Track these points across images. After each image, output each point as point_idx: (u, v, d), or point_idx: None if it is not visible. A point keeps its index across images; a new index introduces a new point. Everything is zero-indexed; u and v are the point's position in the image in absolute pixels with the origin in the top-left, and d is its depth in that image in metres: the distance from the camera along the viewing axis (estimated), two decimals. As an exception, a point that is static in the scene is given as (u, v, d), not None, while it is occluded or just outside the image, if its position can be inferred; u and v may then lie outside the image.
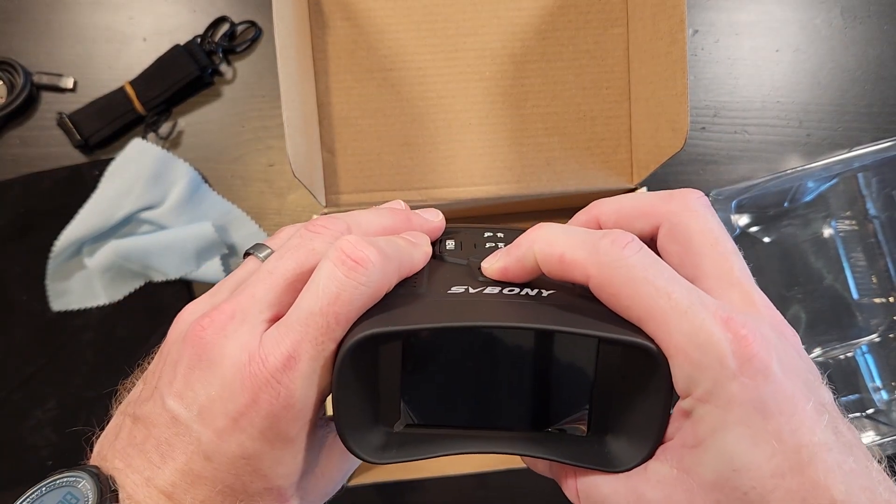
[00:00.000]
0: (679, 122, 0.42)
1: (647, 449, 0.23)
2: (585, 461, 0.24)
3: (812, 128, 0.60)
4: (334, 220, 0.26)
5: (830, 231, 0.58)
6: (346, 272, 0.22)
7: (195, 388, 0.23)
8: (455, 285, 0.25)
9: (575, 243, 0.23)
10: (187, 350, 0.23)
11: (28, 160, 0.57)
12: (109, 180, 0.56)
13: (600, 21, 0.50)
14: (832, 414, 0.21)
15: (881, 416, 0.56)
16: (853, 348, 0.57)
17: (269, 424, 0.22)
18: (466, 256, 0.28)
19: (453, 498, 0.58)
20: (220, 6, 0.58)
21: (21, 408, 0.55)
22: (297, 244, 0.25)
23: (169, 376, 0.23)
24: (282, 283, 0.24)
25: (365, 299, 0.23)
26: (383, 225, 0.27)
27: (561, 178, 0.51)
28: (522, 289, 0.25)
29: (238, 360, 0.22)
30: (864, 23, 0.61)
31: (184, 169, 0.57)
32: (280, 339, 0.23)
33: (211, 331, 0.23)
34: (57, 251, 0.56)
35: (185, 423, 0.23)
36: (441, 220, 0.30)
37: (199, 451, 0.22)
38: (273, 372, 0.22)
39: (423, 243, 0.27)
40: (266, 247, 0.27)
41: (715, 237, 0.24)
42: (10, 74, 0.57)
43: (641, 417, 0.23)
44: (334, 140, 0.50)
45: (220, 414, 0.22)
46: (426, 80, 0.50)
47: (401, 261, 0.25)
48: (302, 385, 0.22)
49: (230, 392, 0.22)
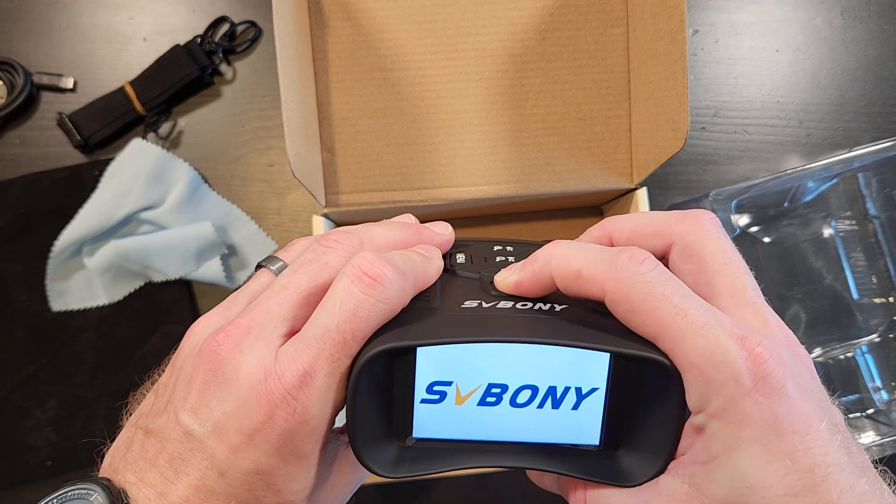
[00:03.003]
0: (679, 122, 0.42)
1: (659, 464, 0.23)
2: (597, 475, 0.24)
3: (812, 128, 0.60)
4: (347, 234, 0.26)
5: (830, 231, 0.58)
6: (364, 289, 0.23)
7: (210, 403, 0.23)
8: (468, 299, 0.25)
9: (592, 259, 0.23)
10: (202, 365, 0.23)
11: (28, 160, 0.57)
12: (109, 180, 0.56)
13: (600, 21, 0.50)
14: (844, 435, 0.21)
15: (881, 416, 0.56)
16: (853, 348, 0.57)
17: (284, 441, 0.22)
18: (478, 270, 0.28)
19: (453, 498, 0.58)
20: (220, 6, 0.58)
21: (21, 408, 0.55)
22: (310, 259, 0.25)
23: (183, 391, 0.23)
24: (296, 298, 0.24)
25: (382, 316, 0.23)
26: (395, 239, 0.27)
27: (561, 178, 0.51)
28: (535, 303, 0.25)
29: (254, 377, 0.22)
30: (864, 23, 0.61)
31: (184, 169, 0.57)
32: (296, 356, 0.23)
33: (227, 346, 0.23)
34: (57, 251, 0.56)
35: (199, 439, 0.22)
36: (451, 233, 0.30)
37: (214, 466, 0.22)
38: (289, 389, 0.22)
39: (435, 257, 0.27)
40: (279, 259, 0.27)
41: (728, 256, 0.24)
42: (10, 74, 0.57)
43: (654, 432, 0.23)
44: (334, 140, 0.50)
45: (235, 430, 0.22)
46: (426, 80, 0.50)
47: (416, 276, 0.25)
48: (318, 402, 0.22)
49: (246, 408, 0.22)
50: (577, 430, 0.25)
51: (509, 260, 0.29)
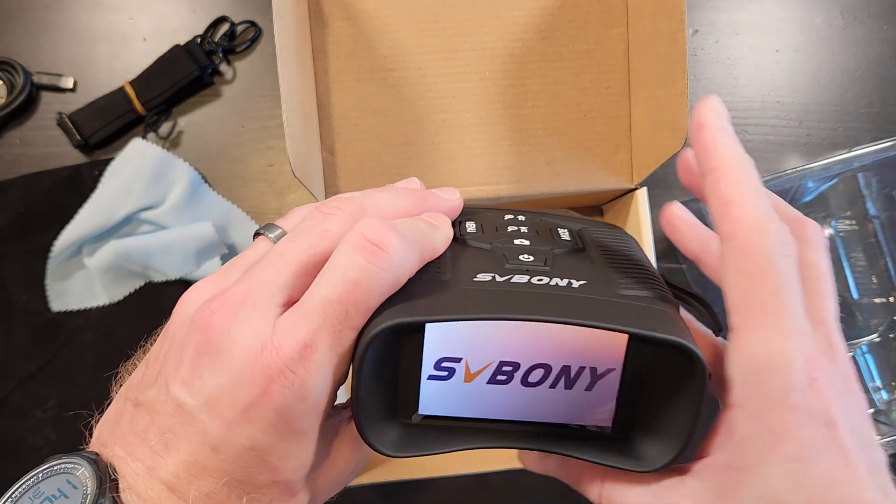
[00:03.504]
0: (679, 122, 0.42)
1: (675, 450, 0.22)
2: (608, 459, 0.23)
3: (812, 128, 0.60)
4: (349, 200, 0.25)
5: (830, 231, 0.58)
6: (367, 257, 0.21)
7: (203, 375, 0.21)
8: (481, 272, 0.24)
9: (758, 197, 0.22)
10: (195, 335, 0.22)
11: (28, 160, 0.57)
12: (109, 180, 0.56)
13: (600, 21, 0.50)
14: (883, 476, 0.21)
15: (881, 416, 0.56)
16: (853, 348, 0.57)
17: (280, 417, 0.21)
18: (490, 241, 0.27)
19: (453, 498, 0.58)
20: (220, 6, 0.58)
21: (21, 408, 0.55)
22: (310, 226, 0.24)
23: (174, 362, 0.22)
24: (295, 267, 0.23)
25: (386, 286, 0.22)
26: (401, 207, 0.26)
27: (561, 178, 0.51)
28: (552, 278, 0.24)
29: (250, 348, 0.21)
30: (864, 23, 0.61)
31: (184, 169, 0.57)
32: (295, 327, 0.21)
33: (220, 315, 0.22)
34: (57, 251, 0.56)
35: (191, 413, 0.21)
36: (459, 198, 0.28)
37: (206, 441, 0.21)
38: (287, 362, 0.21)
39: (443, 226, 0.26)
40: (277, 227, 0.26)
41: (826, 275, 0.23)
42: (10, 74, 0.57)
43: (671, 418, 0.22)
44: (334, 140, 0.50)
45: (229, 404, 0.21)
46: (426, 80, 0.50)
47: (422, 245, 0.24)
48: (317, 376, 0.21)
49: (240, 382, 0.21)
50: (590, 411, 0.24)
51: (521, 230, 0.27)
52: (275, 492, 0.22)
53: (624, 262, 0.26)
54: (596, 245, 0.27)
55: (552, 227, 0.28)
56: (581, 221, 0.30)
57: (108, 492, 0.21)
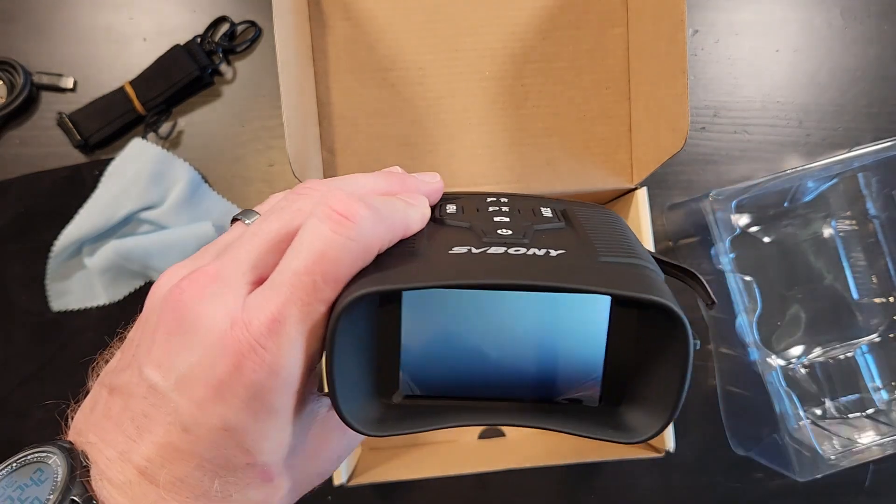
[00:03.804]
0: (679, 121, 0.42)
1: (664, 419, 0.22)
2: (597, 432, 0.23)
3: (812, 128, 0.60)
4: (324, 182, 0.24)
5: (830, 231, 0.58)
6: (333, 227, 0.21)
7: (174, 355, 0.21)
8: (457, 245, 0.23)
9: None
10: (166, 315, 0.21)
11: (28, 160, 0.57)
12: (109, 180, 0.56)
13: (600, 21, 0.50)
14: None
15: (881, 416, 0.56)
16: (853, 348, 0.57)
17: (252, 394, 0.21)
18: (469, 220, 0.26)
19: (453, 498, 0.58)
20: (221, 6, 0.58)
21: (21, 408, 0.55)
22: (282, 206, 0.24)
23: (147, 344, 0.22)
24: (265, 244, 0.22)
25: (354, 256, 0.21)
26: (378, 187, 0.26)
27: (561, 178, 0.51)
28: (529, 248, 0.23)
29: (220, 325, 0.21)
30: (864, 23, 0.61)
31: (184, 169, 0.57)
32: (264, 302, 0.21)
33: (190, 294, 0.21)
34: (57, 251, 0.56)
35: (162, 393, 0.21)
36: (439, 182, 0.28)
37: (178, 422, 0.21)
38: (257, 337, 0.20)
39: (420, 204, 0.25)
40: (254, 212, 0.26)
41: None
42: (10, 74, 0.57)
43: (658, 384, 0.22)
44: (334, 140, 0.50)
45: (201, 383, 0.21)
46: (426, 80, 0.50)
47: (393, 219, 0.23)
48: (288, 351, 0.21)
49: (211, 359, 0.21)
50: (576, 384, 0.24)
51: (502, 209, 0.27)
52: (250, 475, 0.22)
53: (608, 234, 0.26)
54: (579, 221, 0.27)
55: (535, 206, 0.28)
56: (567, 203, 0.30)
57: (79, 479, 0.21)
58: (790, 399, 0.53)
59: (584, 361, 0.23)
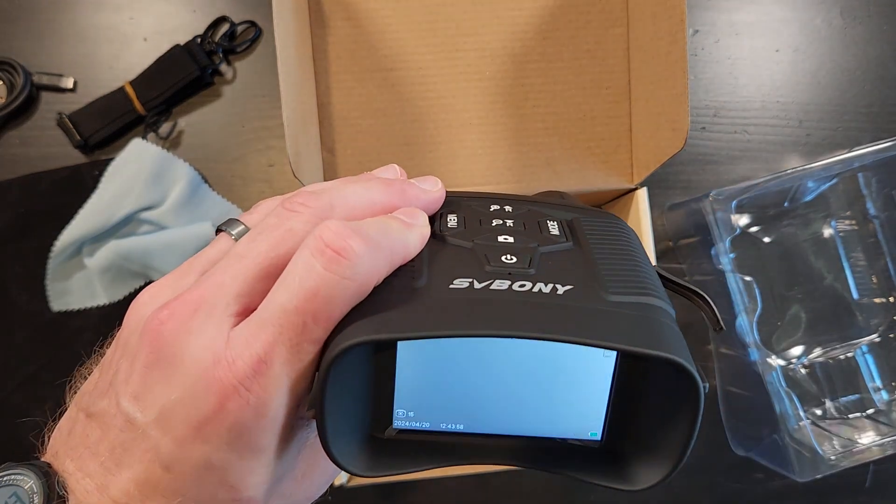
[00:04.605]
0: (679, 121, 0.42)
1: (667, 469, 0.21)
2: (597, 477, 0.22)
3: (812, 128, 0.60)
4: (316, 195, 0.23)
5: (830, 231, 0.58)
6: (326, 264, 0.20)
7: (153, 389, 0.20)
8: (458, 277, 0.22)
9: None
10: (145, 345, 0.20)
11: (28, 160, 0.57)
12: (109, 180, 0.56)
13: (600, 21, 0.50)
14: None
15: (881, 417, 0.56)
16: (853, 348, 0.57)
17: (236, 435, 0.20)
18: (471, 237, 0.25)
19: (453, 499, 0.58)
20: (220, 6, 0.58)
21: (21, 408, 0.55)
22: (272, 224, 0.22)
23: (125, 372, 0.21)
24: (254, 270, 0.21)
25: (349, 296, 0.20)
26: (373, 201, 0.24)
27: (561, 178, 0.51)
28: (535, 284, 0.22)
29: (202, 362, 0.20)
30: (864, 23, 0.61)
31: (184, 169, 0.57)
32: (250, 340, 0.20)
33: (171, 325, 0.20)
34: (57, 251, 0.56)
35: (141, 428, 0.20)
36: (440, 189, 0.26)
37: (158, 460, 0.20)
38: (241, 378, 0.19)
39: (419, 223, 0.24)
40: (240, 223, 0.24)
41: None
42: (10, 74, 0.57)
43: (665, 434, 0.21)
44: (334, 140, 0.50)
45: (182, 421, 0.20)
46: (426, 79, 0.50)
47: (392, 248, 0.22)
48: (275, 392, 0.20)
49: (193, 397, 0.20)
50: (578, 424, 0.23)
51: (507, 224, 0.26)
52: None
53: (616, 259, 0.25)
54: (587, 240, 0.26)
55: (541, 219, 0.27)
56: (574, 210, 0.29)
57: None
58: (790, 399, 0.53)
59: (586, 404, 0.23)
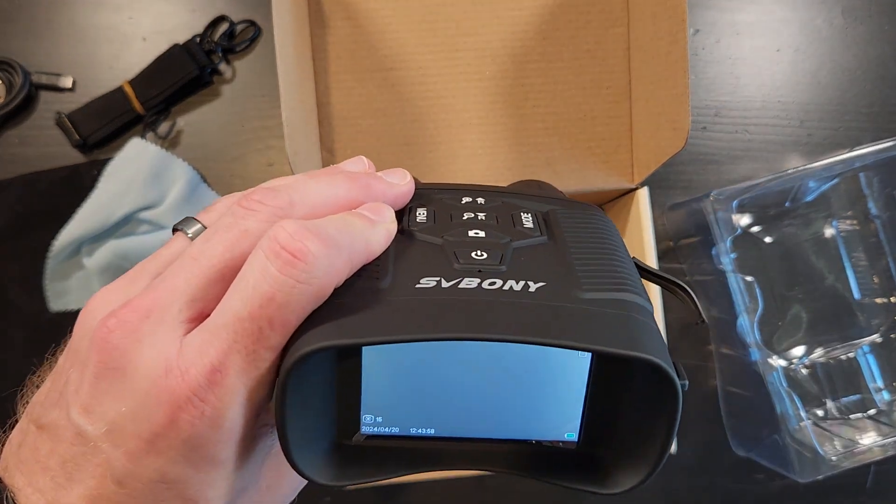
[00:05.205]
0: (680, 121, 0.42)
1: (646, 471, 0.20)
2: (574, 482, 0.21)
3: (813, 127, 0.60)
4: (274, 193, 0.22)
5: (832, 231, 0.57)
6: (281, 267, 0.19)
7: (103, 401, 0.19)
8: (425, 276, 0.21)
9: None
10: (93, 354, 0.19)
11: (26, 160, 0.57)
12: (108, 180, 0.56)
13: (601, 21, 0.50)
14: None
15: (883, 417, 0.56)
16: (855, 348, 0.57)
17: (191, 448, 0.19)
18: (440, 233, 0.24)
19: (453, 498, 0.58)
20: (219, 5, 0.58)
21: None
22: (228, 223, 0.21)
23: (75, 382, 0.20)
24: (207, 273, 0.20)
25: (306, 300, 0.19)
26: (336, 197, 0.23)
27: (561, 178, 0.51)
28: (506, 281, 0.21)
29: (152, 372, 0.19)
30: (865, 23, 0.61)
31: (183, 168, 0.56)
32: (203, 348, 0.19)
33: (120, 333, 0.19)
34: (55, 251, 0.55)
35: (92, 441, 0.19)
36: (409, 182, 0.25)
37: (110, 474, 0.19)
38: (194, 388, 0.18)
39: (385, 219, 0.23)
40: (197, 221, 0.23)
41: None
42: (9, 74, 0.57)
43: (642, 435, 0.20)
44: (334, 140, 0.50)
45: (133, 434, 0.19)
46: (426, 79, 0.50)
47: (353, 248, 0.21)
48: (230, 403, 0.19)
49: (144, 409, 0.19)
50: (553, 425, 0.22)
51: (479, 217, 0.25)
52: None
53: (592, 253, 0.24)
54: (562, 233, 0.25)
55: (515, 212, 0.26)
56: (550, 202, 0.28)
57: None
58: (791, 400, 0.52)
59: (561, 405, 0.22)
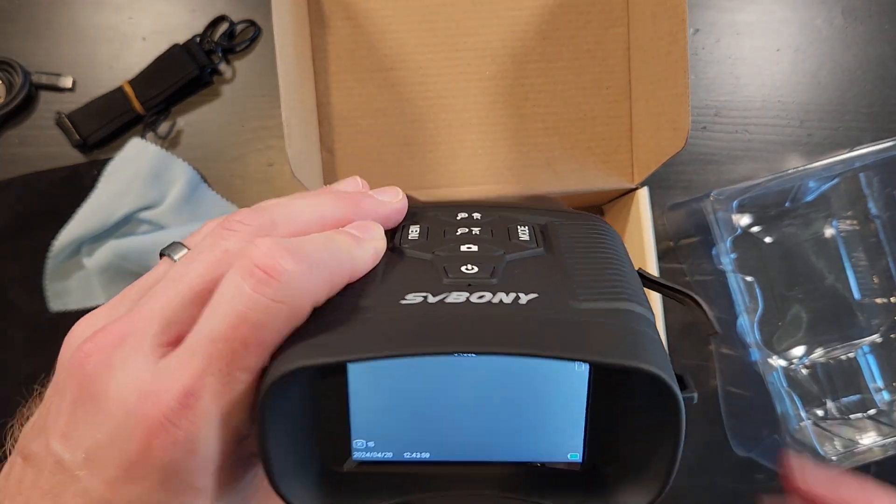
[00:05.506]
0: (680, 121, 0.42)
1: (654, 491, 0.19)
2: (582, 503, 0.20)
3: (813, 127, 0.60)
4: (257, 212, 0.22)
5: (832, 231, 0.57)
6: (255, 286, 0.18)
7: (80, 429, 0.19)
8: (411, 291, 0.20)
9: None
10: (70, 381, 0.19)
11: (26, 160, 0.57)
12: (108, 180, 0.56)
13: (601, 21, 0.50)
14: None
15: (883, 417, 0.56)
16: (855, 348, 0.57)
17: (168, 475, 0.19)
18: (431, 249, 0.23)
19: (453, 499, 0.58)
20: (219, 5, 0.58)
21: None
22: (209, 244, 0.21)
23: (55, 411, 0.20)
24: (186, 294, 0.20)
25: (282, 319, 0.19)
26: (322, 215, 0.22)
27: (561, 178, 0.51)
28: (496, 293, 0.20)
29: (127, 398, 0.18)
30: (865, 23, 0.61)
31: (183, 168, 0.56)
32: (177, 371, 0.19)
33: (95, 359, 0.19)
34: (55, 251, 0.55)
35: (69, 470, 0.19)
36: (401, 200, 0.25)
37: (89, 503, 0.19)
38: (167, 413, 0.18)
39: (372, 237, 0.22)
40: (183, 246, 0.23)
41: None
42: (9, 74, 0.57)
43: (648, 454, 0.19)
44: (334, 140, 0.50)
45: (110, 462, 0.19)
46: (426, 79, 0.50)
47: (335, 266, 0.20)
48: (205, 427, 0.18)
49: (120, 437, 0.18)
50: (555, 446, 0.21)
51: (472, 232, 0.24)
52: None
53: (590, 262, 0.23)
54: (560, 244, 0.24)
55: (511, 225, 0.25)
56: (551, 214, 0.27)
57: None
58: (791, 400, 0.52)
59: (562, 423, 0.21)
